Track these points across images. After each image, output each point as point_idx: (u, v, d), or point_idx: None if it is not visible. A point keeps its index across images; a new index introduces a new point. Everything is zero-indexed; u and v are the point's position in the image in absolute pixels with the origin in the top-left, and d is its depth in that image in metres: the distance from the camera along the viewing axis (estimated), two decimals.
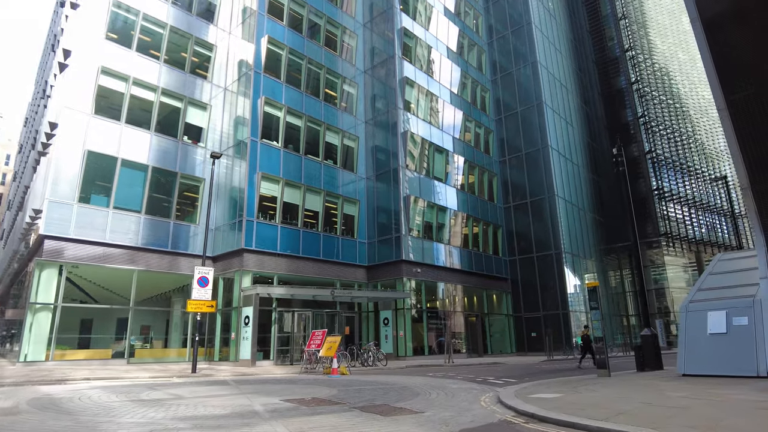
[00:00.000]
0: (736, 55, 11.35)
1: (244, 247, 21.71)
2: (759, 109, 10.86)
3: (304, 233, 24.44)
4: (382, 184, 27.81)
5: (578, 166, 38.87)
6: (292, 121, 25.48)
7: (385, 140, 28.36)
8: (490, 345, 32.13)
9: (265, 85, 24.43)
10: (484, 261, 32.55)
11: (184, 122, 24.02)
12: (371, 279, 27.15)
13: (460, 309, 30.07)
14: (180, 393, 9.75)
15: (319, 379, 13.63)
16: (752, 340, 9.76)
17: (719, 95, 11.39)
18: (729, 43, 11.43)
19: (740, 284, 11.33)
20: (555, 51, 40.29)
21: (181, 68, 24.50)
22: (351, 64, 30.05)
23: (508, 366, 20.23)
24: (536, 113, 35.54)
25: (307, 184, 25.01)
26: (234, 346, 21.42)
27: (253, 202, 22.49)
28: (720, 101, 11.44)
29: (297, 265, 23.89)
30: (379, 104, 29.35)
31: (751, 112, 10.96)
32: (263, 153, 23.53)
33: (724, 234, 44.64)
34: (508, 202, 35.69)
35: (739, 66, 11.24)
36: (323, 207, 25.68)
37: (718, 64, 11.48)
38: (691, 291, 11.89)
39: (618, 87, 44.61)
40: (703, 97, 49.14)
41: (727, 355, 9.98)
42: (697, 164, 44.43)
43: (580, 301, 33.22)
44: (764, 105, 10.77)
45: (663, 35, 46.96)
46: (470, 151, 34.30)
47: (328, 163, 26.77)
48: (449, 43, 35.00)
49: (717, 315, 10.46)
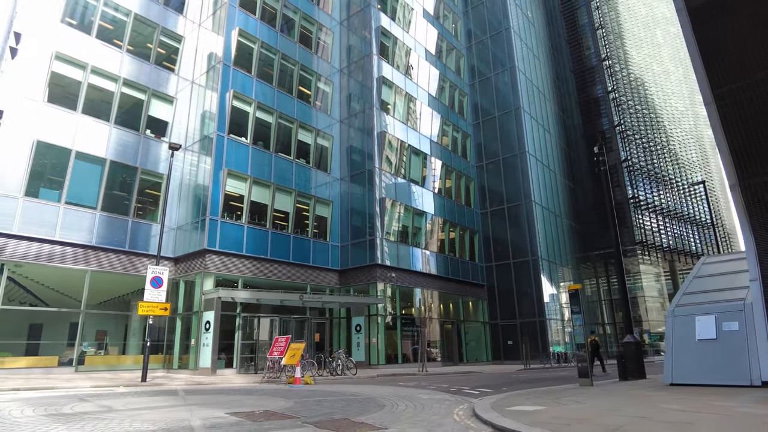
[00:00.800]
0: (723, 47, 10.84)
1: (207, 248, 20.43)
2: (746, 102, 10.35)
3: (272, 234, 23.26)
4: (357, 185, 26.85)
5: (555, 172, 38.66)
6: (263, 117, 24.38)
7: (361, 141, 27.46)
8: (466, 353, 31.31)
9: (234, 79, 23.30)
10: (460, 267, 31.81)
11: (147, 115, 22.66)
12: (344, 284, 26.08)
13: (436, 316, 29.20)
14: (113, 405, 8.54)
15: (280, 389, 12.51)
16: (744, 347, 9.09)
17: (706, 88, 10.87)
18: (716, 34, 10.93)
19: (728, 287, 10.72)
20: (533, 58, 40.17)
21: (146, 59, 23.19)
22: (326, 62, 29.14)
23: (484, 375, 19.38)
24: (514, 118, 35.19)
25: (277, 183, 23.87)
26: (194, 353, 20.05)
27: (217, 200, 21.25)
28: (707, 94, 10.92)
29: (264, 267, 22.68)
30: (355, 104, 28.47)
31: (739, 105, 10.45)
32: (230, 149, 22.35)
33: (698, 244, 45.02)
34: (485, 208, 35.13)
35: (726, 58, 10.73)
36: (294, 208, 24.56)
37: (704, 56, 10.95)
38: (677, 295, 11.23)
39: (594, 96, 44.80)
40: (676, 109, 49.82)
41: (717, 362, 9.28)
42: (671, 174, 44.82)
43: (556, 310, 32.74)
44: (752, 98, 10.27)
45: (638, 47, 47.49)
46: (447, 155, 33.66)
47: (301, 162, 25.70)
48: (428, 46, 34.44)
49: (705, 320, 9.78)
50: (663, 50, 51.70)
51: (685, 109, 51.73)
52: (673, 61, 53.05)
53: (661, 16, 54.11)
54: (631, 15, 48.60)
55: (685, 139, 49.52)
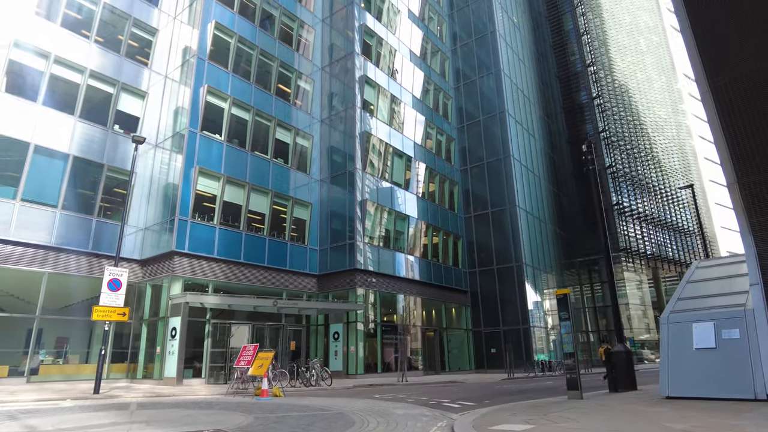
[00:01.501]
0: (720, 34, 10.23)
1: (175, 250, 19.27)
2: (745, 93, 9.74)
3: (247, 237, 22.17)
4: (338, 187, 25.92)
5: (540, 177, 38.21)
6: (239, 113, 23.35)
7: (342, 141, 26.57)
8: (448, 361, 30.42)
9: (209, 73, 22.26)
10: (443, 272, 31.00)
11: (116, 110, 21.49)
12: (322, 289, 25.04)
13: (418, 323, 28.29)
14: (40, 425, 7.45)
15: (244, 402, 11.46)
16: (746, 356, 8.35)
17: (702, 79, 10.23)
18: (712, 22, 10.32)
19: (725, 292, 10.01)
20: (519, 62, 39.81)
21: (117, 51, 22.03)
22: (307, 60, 28.25)
23: (467, 385, 18.50)
24: (499, 122, 34.66)
25: (252, 183, 22.82)
26: (159, 361, 18.81)
27: (188, 199, 20.12)
28: (703, 85, 10.28)
29: (237, 271, 21.56)
30: (337, 103, 27.60)
31: (737, 97, 9.83)
32: (203, 146, 21.26)
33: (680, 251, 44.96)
34: (469, 212, 34.45)
35: (723, 47, 10.12)
36: (270, 209, 23.51)
37: (700, 44, 10.30)
38: (671, 301, 10.50)
39: (579, 102, 44.63)
40: (659, 117, 49.97)
41: (717, 373, 8.52)
42: (655, 181, 44.78)
43: (540, 317, 32.10)
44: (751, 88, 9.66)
45: (622, 54, 47.58)
46: (431, 158, 32.94)
47: (278, 162, 24.69)
48: (412, 47, 33.80)
49: (704, 327, 9.04)
50: (646, 58, 51.95)
51: (668, 117, 51.97)
52: (656, 69, 53.34)
53: (644, 24, 54.46)
54: (616, 23, 48.74)
55: (668, 146, 49.68)
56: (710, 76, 10.07)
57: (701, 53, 10.13)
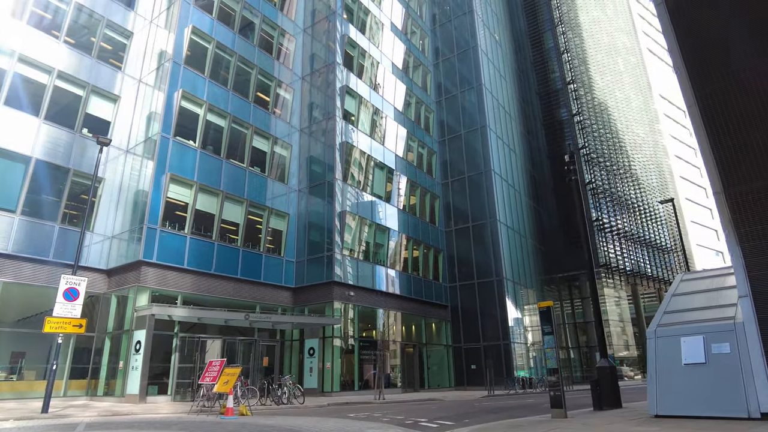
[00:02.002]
0: (705, 44, 10.06)
1: (143, 259, 18.34)
2: (731, 103, 9.53)
3: (219, 247, 21.32)
4: (316, 198, 25.29)
5: (520, 193, 38.17)
6: (214, 120, 22.67)
7: (322, 151, 26.03)
8: (428, 378, 29.69)
9: (184, 78, 21.59)
10: (423, 286, 30.43)
11: (86, 113, 20.61)
12: (298, 303, 24.22)
13: (397, 338, 27.57)
14: None
15: (207, 421, 10.63)
16: (738, 372, 7.93)
17: (688, 88, 10.01)
18: (696, 31, 10.17)
19: (712, 305, 9.65)
20: (500, 78, 40.04)
21: (88, 53, 21.23)
22: (288, 69, 27.78)
23: (446, 403, 17.83)
24: (480, 136, 34.60)
25: (227, 192, 22.05)
26: (121, 377, 17.72)
27: (157, 206, 19.26)
28: (689, 96, 10.06)
29: (208, 283, 20.66)
30: (317, 113, 27.12)
31: (723, 107, 9.62)
32: (175, 152, 20.49)
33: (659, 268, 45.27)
34: (450, 226, 34.10)
35: (709, 55, 9.94)
36: (245, 219, 22.73)
37: (685, 54, 10.11)
38: (657, 314, 10.10)
39: (559, 119, 45.03)
40: (637, 135, 50.75)
41: (708, 390, 8.09)
42: (633, 198, 45.22)
43: (521, 333, 31.69)
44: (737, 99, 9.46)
45: (602, 73, 48.36)
46: (413, 170, 32.60)
47: (255, 171, 23.99)
48: (394, 59, 33.66)
49: (692, 341, 8.63)
50: (624, 78, 52.93)
51: (646, 136, 52.83)
52: (633, 89, 54.37)
53: (622, 45, 55.64)
54: (595, 42, 49.62)
55: (646, 164, 50.39)
56: (696, 85, 9.86)
57: (686, 62, 9.94)
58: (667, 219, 50.20)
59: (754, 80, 9.15)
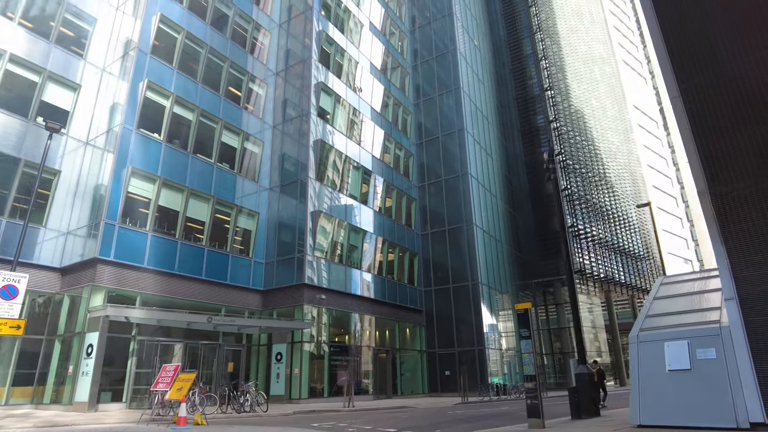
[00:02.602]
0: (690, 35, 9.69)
1: (99, 257, 17.18)
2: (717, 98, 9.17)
3: (184, 246, 20.25)
4: (288, 197, 24.40)
5: (496, 197, 37.92)
6: (182, 113, 21.63)
7: (296, 149, 25.17)
8: (401, 385, 28.95)
9: (150, 68, 20.53)
10: (398, 290, 29.75)
11: (41, 100, 19.33)
12: (267, 306, 23.24)
13: (370, 343, 26.78)
14: None
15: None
16: (725, 379, 7.46)
17: (671, 81, 9.63)
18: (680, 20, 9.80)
19: (696, 308, 9.21)
20: (479, 82, 39.87)
21: (47, 37, 19.98)
22: (262, 64, 26.89)
23: (417, 411, 17.14)
24: (457, 140, 34.25)
25: (193, 188, 21.00)
26: (70, 384, 16.47)
27: (117, 201, 18.14)
28: (673, 88, 9.67)
29: (171, 284, 19.56)
30: (291, 110, 26.27)
31: (709, 101, 9.25)
32: (138, 145, 19.40)
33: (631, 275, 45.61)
34: (426, 230, 33.56)
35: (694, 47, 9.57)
36: (212, 217, 21.70)
37: (669, 45, 9.71)
38: (638, 318, 9.61)
39: (536, 125, 45.12)
40: (612, 143, 51.28)
41: (694, 399, 7.59)
42: (608, 205, 45.54)
43: (495, 339, 31.27)
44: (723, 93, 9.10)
45: (579, 80, 48.74)
46: (389, 172, 31.98)
47: (224, 167, 23.00)
48: (373, 59, 33.07)
49: (677, 346, 8.14)
50: (600, 87, 53.53)
51: (620, 144, 53.46)
52: (609, 98, 55.04)
53: (598, 55, 56.34)
54: (572, 50, 50.04)
55: (621, 172, 50.93)
56: (680, 78, 9.49)
57: (670, 53, 9.55)
58: (641, 227, 50.76)
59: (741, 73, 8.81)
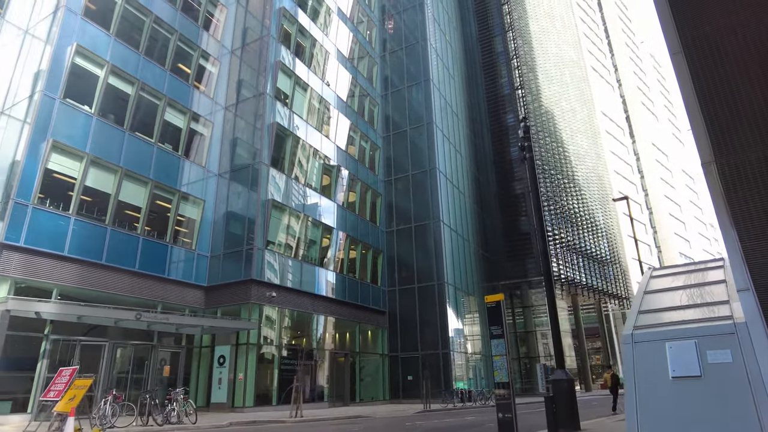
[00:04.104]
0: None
1: (4, 242, 14.69)
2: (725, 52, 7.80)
3: (115, 234, 17.86)
4: (239, 185, 22.25)
5: (465, 196, 36.62)
6: (118, 85, 19.26)
7: (250, 133, 23.07)
8: (360, 391, 27.08)
9: (81, 31, 18.10)
10: (360, 290, 27.90)
11: None
12: (211, 303, 20.99)
13: (328, 346, 24.80)
14: None
15: None
16: (745, 387, 5.92)
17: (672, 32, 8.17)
18: None
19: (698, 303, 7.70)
20: (449, 77, 38.59)
21: None
22: (216, 40, 24.68)
23: (373, 422, 15.33)
24: (426, 133, 32.77)
25: (128, 169, 18.64)
26: None
27: (32, 178, 15.68)
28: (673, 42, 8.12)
29: (99, 276, 17.15)
30: (246, 91, 24.14)
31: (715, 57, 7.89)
32: (63, 116, 16.95)
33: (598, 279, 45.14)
34: (392, 227, 31.87)
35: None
36: (150, 202, 19.36)
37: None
38: (630, 315, 8.05)
39: (506, 124, 44.23)
40: (581, 146, 50.98)
41: (707, 412, 6.05)
42: (576, 208, 44.99)
43: (461, 342, 29.79)
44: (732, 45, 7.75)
45: (549, 81, 48.23)
46: (354, 164, 30.16)
47: (166, 148, 20.69)
48: (339, 45, 31.23)
49: (681, 347, 6.60)
50: (570, 90, 53.27)
51: (589, 148, 53.27)
52: (579, 101, 54.86)
53: (569, 58, 56.16)
54: (544, 51, 49.55)
55: (589, 176, 50.64)
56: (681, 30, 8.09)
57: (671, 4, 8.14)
58: (607, 231, 50.56)
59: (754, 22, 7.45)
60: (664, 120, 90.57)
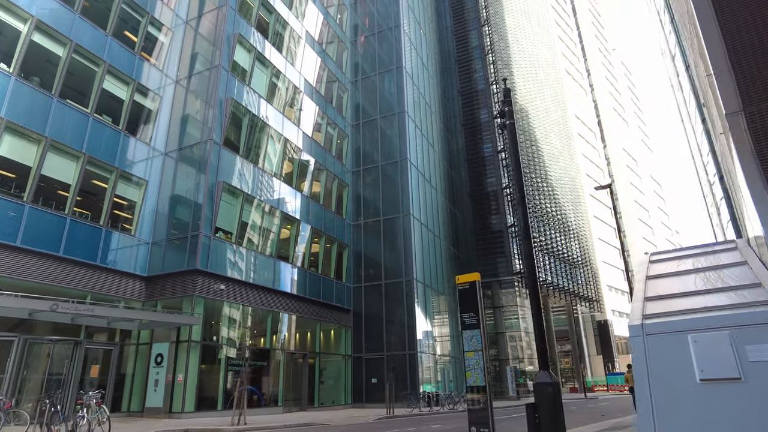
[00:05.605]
0: None
1: None
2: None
3: (34, 212, 15.50)
4: (187, 165, 20.08)
5: (437, 191, 35.15)
6: (46, 44, 16.88)
7: (202, 109, 20.92)
8: (319, 394, 25.12)
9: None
10: (323, 285, 25.97)
11: None
12: (152, 295, 18.73)
13: (285, 346, 22.79)
14: None
15: None
16: None
17: None
18: None
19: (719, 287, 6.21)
20: (422, 66, 37.12)
21: None
22: (169, 8, 22.44)
23: (324, 431, 13.47)
24: (397, 123, 31.15)
25: (54, 140, 16.28)
26: None
27: None
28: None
29: (12, 261, 14.77)
30: (200, 65, 21.99)
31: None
32: None
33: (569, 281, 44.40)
34: (359, 220, 30.07)
35: None
36: (81, 179, 17.02)
37: None
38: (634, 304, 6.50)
39: (480, 120, 43.10)
40: (555, 147, 50.37)
41: (752, 427, 4.46)
42: (548, 208, 44.19)
43: (430, 343, 28.18)
44: None
45: (524, 79, 47.44)
46: (320, 152, 28.25)
47: (104, 120, 18.36)
48: (307, 26, 29.31)
49: (710, 340, 5.03)
50: (545, 89, 52.71)
51: (562, 148, 52.78)
52: (552, 102, 54.38)
53: (544, 58, 55.67)
54: (519, 48, 48.77)
55: (561, 176, 50.05)
56: None
57: None
58: (578, 233, 50.02)
59: None
60: (634, 126, 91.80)
